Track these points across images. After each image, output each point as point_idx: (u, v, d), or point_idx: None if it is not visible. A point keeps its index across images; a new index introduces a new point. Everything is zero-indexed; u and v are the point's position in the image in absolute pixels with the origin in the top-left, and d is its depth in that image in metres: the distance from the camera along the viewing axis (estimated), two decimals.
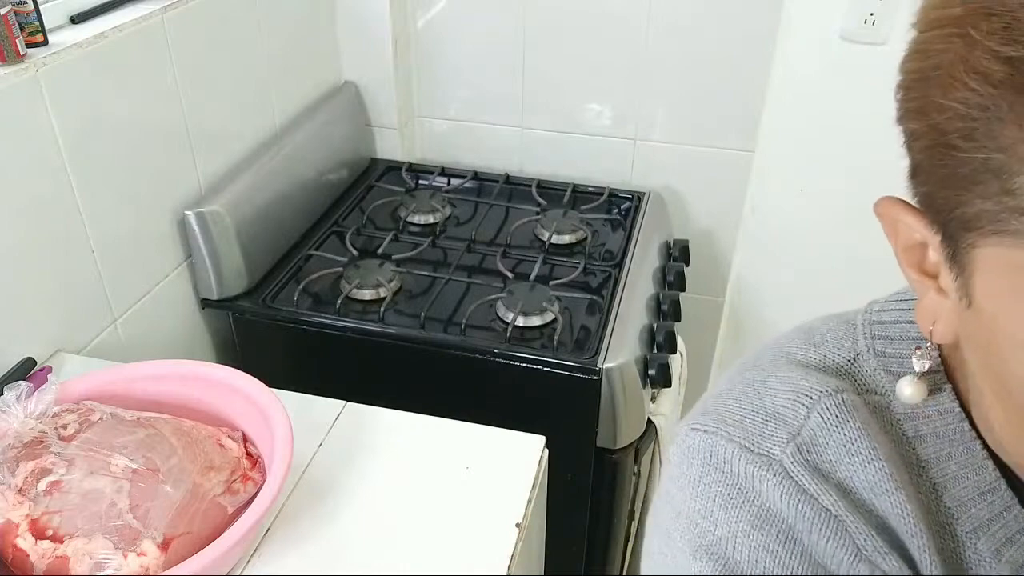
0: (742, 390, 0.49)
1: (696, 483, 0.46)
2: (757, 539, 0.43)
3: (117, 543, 0.66)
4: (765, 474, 0.44)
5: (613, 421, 1.10)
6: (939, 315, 0.41)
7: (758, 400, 0.48)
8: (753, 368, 0.51)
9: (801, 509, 0.43)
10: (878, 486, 0.43)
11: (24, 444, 0.71)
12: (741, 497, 0.44)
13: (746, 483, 0.44)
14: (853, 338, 0.49)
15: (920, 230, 0.40)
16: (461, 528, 0.77)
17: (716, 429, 0.47)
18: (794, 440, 0.45)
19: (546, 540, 0.93)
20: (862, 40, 1.32)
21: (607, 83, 1.50)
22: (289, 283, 1.25)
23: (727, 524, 0.44)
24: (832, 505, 0.43)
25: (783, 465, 0.44)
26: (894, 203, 0.41)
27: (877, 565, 0.42)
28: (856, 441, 0.44)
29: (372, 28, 1.48)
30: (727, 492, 0.45)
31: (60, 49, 0.90)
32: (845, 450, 0.44)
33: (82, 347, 0.99)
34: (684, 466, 0.48)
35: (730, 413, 0.48)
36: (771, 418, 0.46)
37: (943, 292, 0.40)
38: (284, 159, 1.30)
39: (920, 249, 0.41)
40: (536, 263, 1.28)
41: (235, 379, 0.81)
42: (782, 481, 0.44)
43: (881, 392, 0.47)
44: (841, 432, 0.44)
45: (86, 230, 0.97)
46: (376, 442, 0.86)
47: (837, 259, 1.52)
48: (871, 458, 0.44)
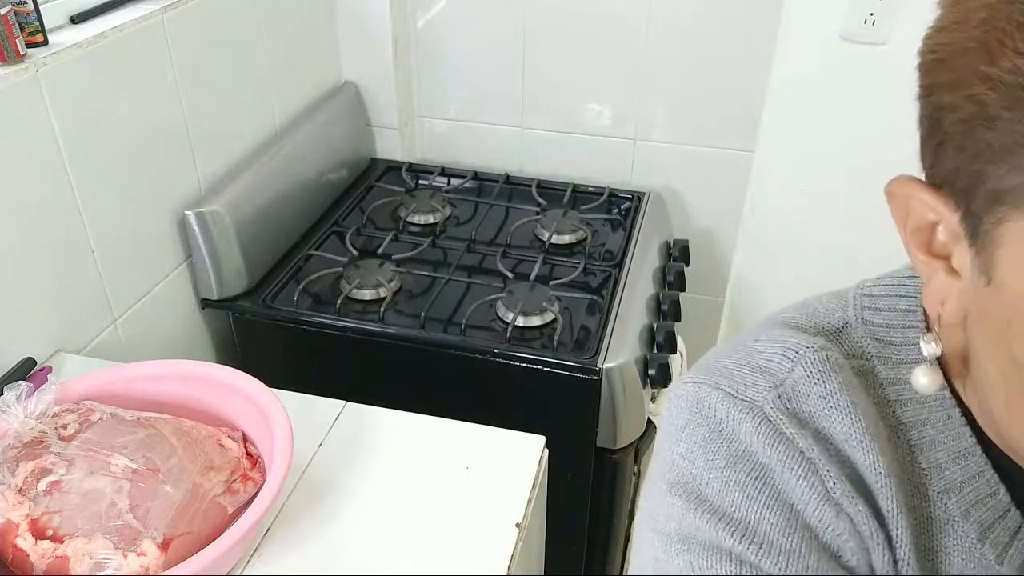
0: (733, 348, 0.51)
1: (681, 428, 0.48)
2: (729, 474, 0.45)
3: (117, 543, 0.66)
4: (745, 416, 0.46)
5: (613, 421, 1.10)
6: (948, 296, 0.41)
7: (747, 356, 0.50)
8: (746, 333, 0.53)
9: (776, 449, 0.45)
10: (852, 438, 0.45)
11: (24, 444, 0.71)
12: (720, 438, 0.46)
13: (727, 426, 0.46)
14: (843, 308, 0.51)
15: (935, 208, 0.39)
16: (461, 528, 0.77)
17: (704, 380, 0.49)
18: (776, 389, 0.47)
19: (546, 540, 0.93)
20: (862, 40, 1.32)
21: (607, 83, 1.50)
22: (289, 283, 1.25)
23: (704, 462, 0.46)
24: (807, 448, 0.44)
25: (763, 410, 0.46)
26: (908, 181, 0.41)
27: (843, 508, 0.43)
28: (836, 395, 0.46)
29: (372, 28, 1.48)
30: (707, 433, 0.47)
31: (60, 49, 0.90)
32: (824, 402, 0.46)
33: (82, 347, 0.99)
34: (673, 416, 0.50)
35: (720, 367, 0.50)
36: (757, 370, 0.48)
37: (954, 272, 0.40)
38: (284, 159, 1.30)
39: (929, 230, 0.41)
40: (536, 263, 1.28)
41: (235, 379, 0.81)
42: (760, 423, 0.45)
43: (866, 357, 0.48)
44: (822, 385, 0.46)
45: (86, 230, 0.97)
46: (376, 442, 0.86)
47: (837, 259, 1.52)
48: (848, 411, 0.45)
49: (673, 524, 0.45)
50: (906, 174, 0.41)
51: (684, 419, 0.49)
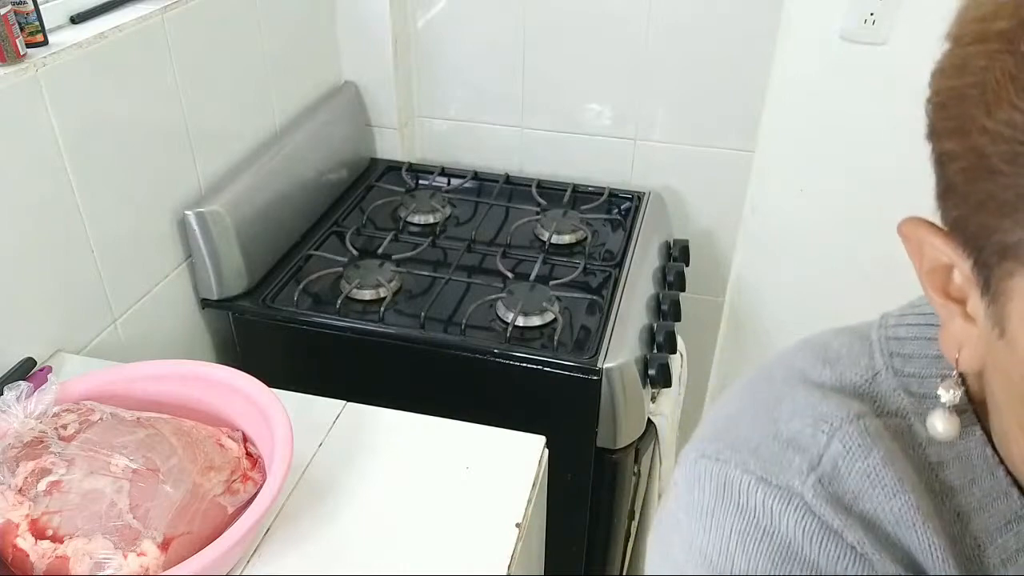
0: (754, 413, 0.47)
1: (709, 515, 0.44)
2: None
3: (117, 543, 0.66)
4: (785, 508, 0.42)
5: (613, 421, 1.10)
6: (966, 342, 0.39)
7: (773, 425, 0.45)
8: (765, 388, 0.48)
9: (825, 547, 0.41)
10: (904, 519, 0.41)
11: (24, 444, 0.71)
12: (759, 533, 0.42)
13: (764, 518, 0.42)
14: (870, 355, 0.47)
15: (948, 253, 0.38)
16: (461, 528, 0.77)
17: (729, 457, 0.44)
18: (815, 471, 0.42)
19: (546, 540, 0.93)
20: (862, 40, 1.32)
21: (607, 83, 1.50)
22: (289, 283, 1.25)
23: (745, 562, 0.42)
24: (857, 542, 0.41)
25: (804, 499, 0.42)
26: (919, 224, 0.39)
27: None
28: (880, 471, 0.42)
29: (372, 28, 1.48)
30: (744, 527, 0.42)
31: (60, 49, 0.90)
32: (869, 481, 0.42)
33: (82, 347, 0.99)
34: (695, 494, 0.45)
35: (743, 439, 0.45)
36: (789, 446, 0.44)
37: (970, 319, 0.39)
38: (284, 159, 1.30)
39: (945, 272, 0.39)
40: (536, 263, 1.28)
41: (235, 379, 0.81)
42: (804, 516, 0.41)
43: (902, 415, 0.45)
44: (864, 462, 0.42)
45: (86, 230, 0.97)
46: (376, 442, 0.86)
47: (837, 259, 1.52)
48: (896, 490, 0.41)
49: None
50: (916, 216, 0.40)
51: (710, 503, 0.44)
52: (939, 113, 0.36)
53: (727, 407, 0.49)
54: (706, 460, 0.45)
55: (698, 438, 0.48)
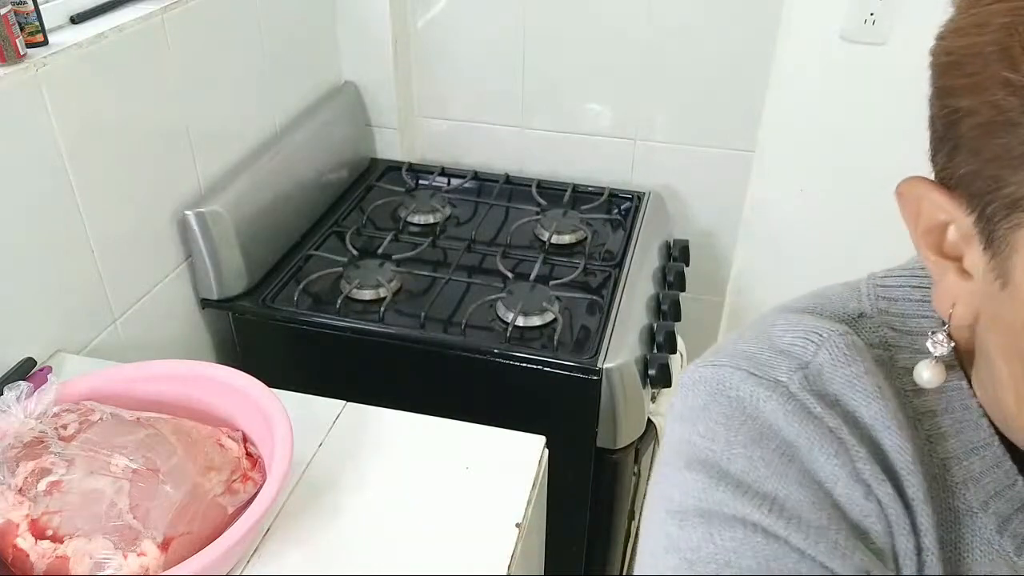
0: (750, 334, 0.50)
1: (700, 409, 0.47)
2: (754, 450, 0.43)
3: (117, 543, 0.66)
4: (770, 395, 0.45)
5: (613, 421, 1.10)
6: (959, 297, 0.41)
7: (768, 340, 0.48)
8: (760, 320, 0.51)
9: (804, 426, 0.44)
10: (879, 422, 0.44)
11: (24, 444, 0.71)
12: (743, 416, 0.45)
13: (750, 404, 0.45)
14: (858, 299, 0.50)
15: (948, 209, 0.39)
16: (461, 528, 0.77)
17: (724, 362, 0.48)
18: (802, 370, 0.46)
19: (546, 540, 0.93)
20: (862, 40, 1.32)
21: (607, 83, 1.50)
22: (289, 283, 1.25)
23: (725, 439, 0.44)
24: (836, 427, 0.43)
25: (789, 389, 0.45)
26: (919, 182, 0.41)
27: (871, 489, 0.43)
28: (862, 379, 0.45)
29: (372, 28, 1.48)
30: (729, 412, 0.45)
31: (60, 49, 0.90)
32: (850, 386, 0.45)
33: (82, 347, 0.99)
34: (689, 398, 0.48)
35: (739, 349, 0.48)
36: (780, 353, 0.47)
37: (965, 274, 0.40)
38: (284, 159, 1.30)
39: (941, 230, 0.41)
40: (536, 263, 1.28)
41: (235, 379, 0.81)
42: (787, 402, 0.44)
43: (884, 346, 0.48)
44: (848, 369, 0.45)
45: (86, 230, 0.97)
46: (376, 442, 0.86)
47: (837, 259, 1.52)
48: (875, 395, 0.44)
49: (691, 500, 0.43)
50: (917, 175, 0.41)
51: (703, 400, 0.47)
52: (953, 71, 0.37)
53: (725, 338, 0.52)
54: (703, 367, 0.49)
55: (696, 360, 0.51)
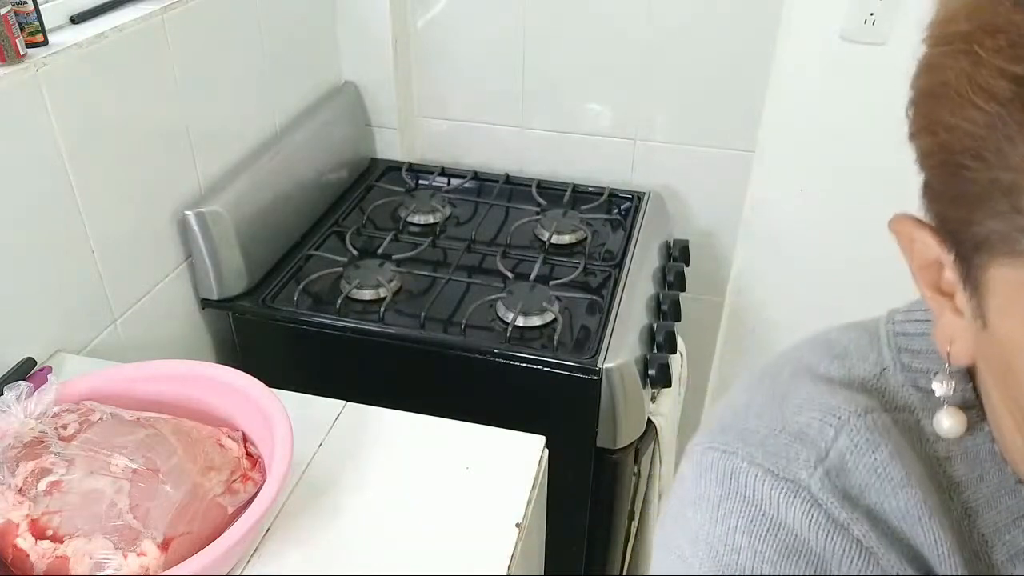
0: (762, 406, 0.47)
1: (716, 507, 0.44)
2: (783, 570, 0.41)
3: (117, 543, 0.66)
4: (792, 501, 0.42)
5: (613, 421, 1.10)
6: (956, 336, 0.40)
7: (781, 419, 0.45)
8: (773, 382, 0.48)
9: (831, 540, 0.41)
10: (910, 514, 0.41)
11: (24, 444, 0.71)
12: (766, 525, 0.42)
13: (771, 509, 0.42)
14: (878, 350, 0.47)
15: (934, 248, 0.39)
16: (461, 528, 0.77)
17: (737, 449, 0.45)
18: (822, 464, 0.42)
19: (546, 540, 0.93)
20: (862, 40, 1.32)
21: (607, 83, 1.50)
22: (289, 283, 1.25)
23: (751, 554, 0.42)
24: (863, 536, 0.41)
25: (811, 491, 0.42)
26: (908, 220, 0.40)
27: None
28: (887, 466, 0.42)
29: (372, 28, 1.48)
30: (750, 519, 0.42)
31: (60, 49, 0.90)
32: (876, 475, 0.42)
33: (82, 347, 0.99)
34: (701, 487, 0.45)
35: (750, 432, 0.45)
36: (796, 439, 0.44)
37: (959, 312, 0.39)
38: (284, 159, 1.30)
39: (936, 267, 0.40)
40: (536, 263, 1.28)
41: (235, 379, 0.81)
42: (810, 509, 0.41)
43: (910, 410, 0.45)
44: (872, 456, 0.42)
45: (86, 230, 0.97)
46: (376, 442, 0.86)
47: (837, 259, 1.52)
48: (903, 484, 0.42)
49: None
50: (904, 212, 0.41)
51: (717, 495, 0.44)
52: (915, 112, 0.38)
53: (735, 401, 0.49)
54: (713, 452, 0.45)
55: (705, 431, 0.48)
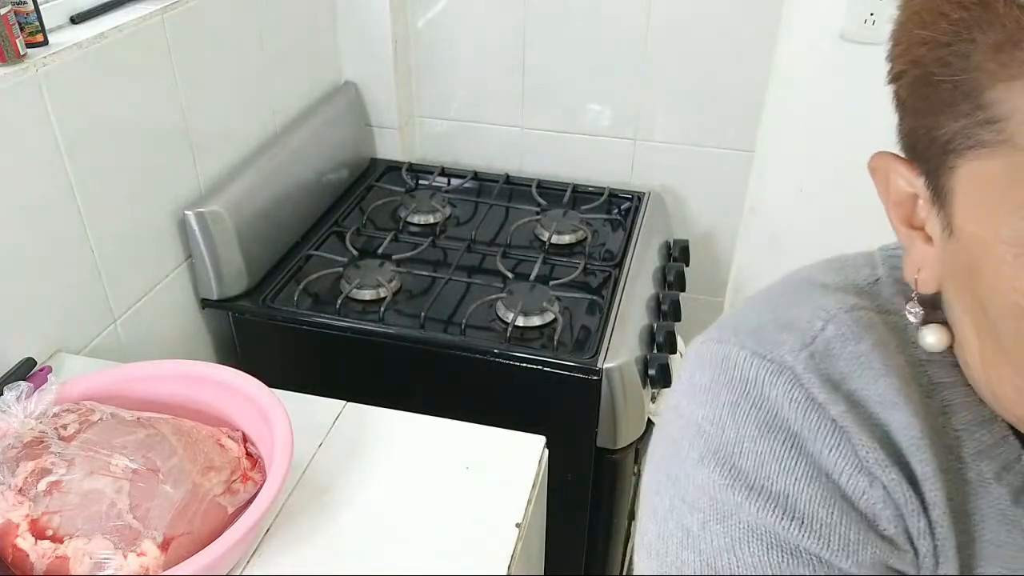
0: (759, 305, 0.50)
1: (706, 390, 0.47)
2: (763, 444, 0.44)
3: (117, 543, 0.66)
4: (776, 380, 0.45)
5: (613, 421, 1.10)
6: (923, 263, 0.43)
7: (773, 313, 0.49)
8: (772, 290, 0.52)
9: (808, 416, 0.44)
10: (886, 400, 0.44)
11: (24, 444, 0.71)
12: (749, 403, 0.45)
13: (755, 389, 0.45)
14: (873, 265, 0.51)
15: (909, 177, 0.42)
16: (461, 528, 0.77)
17: (729, 338, 0.48)
18: (807, 348, 0.46)
19: (546, 540, 0.93)
20: (862, 40, 1.32)
21: (607, 83, 1.50)
22: (289, 283, 1.25)
23: (735, 429, 0.45)
24: (839, 416, 0.43)
25: (795, 372, 0.45)
26: (885, 155, 0.43)
27: (876, 476, 0.43)
28: (869, 356, 0.45)
29: (372, 28, 1.48)
30: (736, 398, 0.46)
31: (60, 49, 0.90)
32: (858, 363, 0.45)
33: (82, 347, 0.99)
34: (696, 376, 0.48)
35: (744, 324, 0.49)
36: (786, 328, 0.47)
37: (929, 240, 0.43)
38: (284, 159, 1.30)
39: (910, 202, 0.43)
40: (536, 263, 1.28)
41: (235, 379, 0.81)
42: (792, 388, 0.44)
43: (900, 313, 0.48)
44: (856, 346, 0.45)
45: (86, 230, 0.97)
46: (376, 442, 0.86)
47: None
48: (883, 373, 0.45)
49: (706, 498, 0.44)
50: (883, 150, 0.44)
51: (708, 379, 0.47)
52: (892, 45, 0.41)
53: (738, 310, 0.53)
54: (709, 343, 0.49)
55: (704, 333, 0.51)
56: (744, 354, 0.46)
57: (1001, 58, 0.34)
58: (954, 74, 0.36)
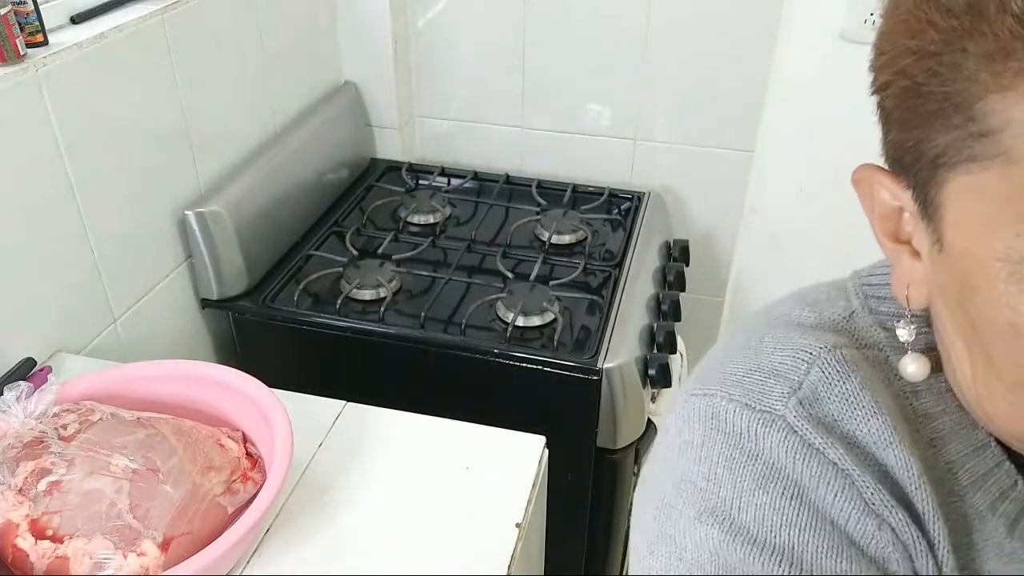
0: (739, 352, 0.49)
1: (699, 447, 0.45)
2: (763, 497, 0.42)
3: (117, 543, 0.66)
4: (768, 431, 0.43)
5: (613, 421, 1.10)
6: (912, 278, 0.42)
7: (756, 359, 0.47)
8: (747, 334, 0.50)
9: (808, 463, 0.42)
10: (881, 439, 0.43)
11: (24, 444, 0.71)
12: (744, 456, 0.44)
13: (749, 441, 0.44)
14: (847, 298, 0.50)
15: (894, 190, 0.41)
16: (461, 528, 0.77)
17: (715, 391, 0.46)
18: (795, 394, 0.44)
19: (546, 540, 0.93)
20: (862, 40, 1.32)
21: (607, 83, 1.50)
22: (289, 283, 1.25)
23: (732, 484, 0.43)
24: (839, 459, 0.42)
25: (786, 420, 0.43)
26: (870, 168, 0.43)
27: (884, 519, 0.42)
28: (858, 395, 0.44)
29: (372, 28, 1.48)
30: (730, 452, 0.44)
31: (60, 49, 0.90)
32: (847, 404, 0.44)
33: (82, 347, 0.99)
34: (686, 432, 0.47)
35: (728, 374, 0.47)
36: (771, 375, 0.46)
37: (916, 255, 0.42)
38: (284, 159, 1.30)
39: (896, 216, 0.42)
40: (536, 263, 1.28)
41: (235, 379, 0.81)
42: (787, 437, 0.43)
43: (879, 347, 0.47)
44: (843, 386, 0.44)
45: (86, 230, 0.97)
46: (376, 442, 0.86)
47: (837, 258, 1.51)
48: (873, 411, 0.43)
49: (706, 555, 0.42)
50: (867, 163, 0.43)
51: (700, 436, 0.46)
52: (877, 54, 0.40)
53: (713, 355, 0.51)
54: (695, 397, 0.47)
55: (687, 383, 0.50)
56: (733, 407, 0.45)
57: (994, 68, 0.33)
58: (944, 85, 0.35)
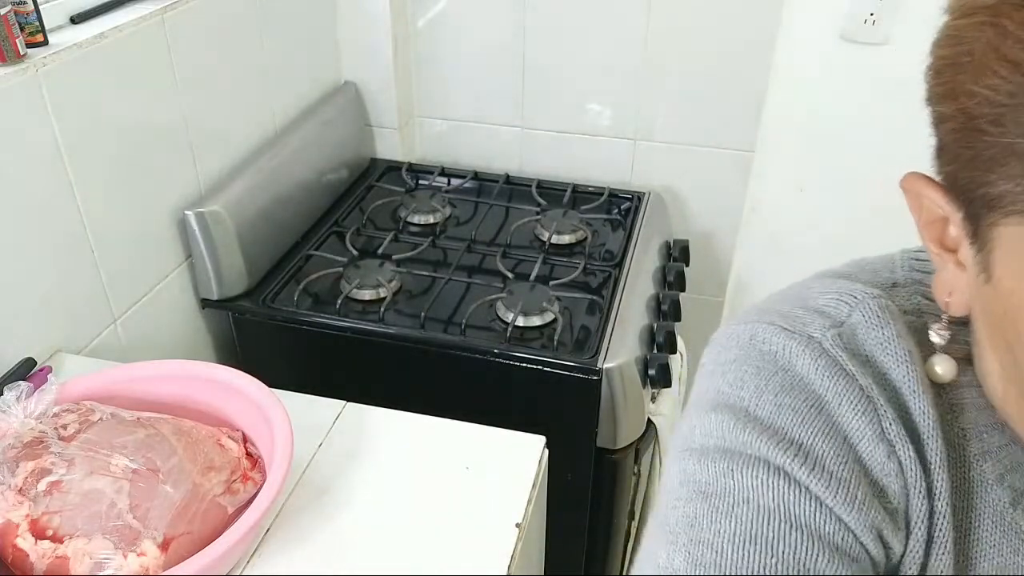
0: (785, 294, 0.51)
1: (732, 363, 0.47)
2: (784, 399, 0.44)
3: (117, 543, 0.66)
4: (803, 350, 0.45)
5: (613, 421, 1.10)
6: (955, 287, 0.43)
7: (801, 300, 0.49)
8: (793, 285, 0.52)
9: (835, 381, 0.44)
10: (907, 385, 0.45)
11: (24, 444, 0.71)
12: (774, 367, 0.46)
13: (782, 357, 0.46)
14: (891, 269, 0.51)
15: (942, 205, 0.41)
16: (461, 528, 0.77)
17: (757, 319, 0.48)
18: (835, 328, 0.46)
19: (546, 540, 0.93)
20: (862, 40, 1.32)
21: (607, 83, 1.50)
22: (289, 283, 1.25)
23: (755, 386, 0.45)
24: (867, 386, 0.44)
25: (822, 345, 0.45)
26: (919, 178, 0.43)
27: (895, 449, 0.43)
28: (893, 343, 0.46)
29: (372, 28, 1.48)
30: (760, 364, 0.46)
31: (60, 49, 0.90)
32: (881, 348, 0.46)
33: (82, 347, 0.99)
34: (721, 354, 0.49)
35: (771, 309, 0.49)
36: (814, 312, 0.48)
37: (961, 266, 0.42)
38: (284, 159, 1.30)
39: (941, 223, 0.43)
40: (536, 263, 1.28)
41: (235, 379, 0.81)
42: (819, 357, 0.45)
43: (918, 314, 0.49)
44: (880, 332, 0.46)
45: (86, 230, 0.97)
46: (376, 442, 0.86)
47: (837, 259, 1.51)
48: (904, 359, 0.45)
49: (712, 440, 0.44)
50: (916, 171, 0.43)
51: (734, 354, 0.48)
52: (934, 79, 0.40)
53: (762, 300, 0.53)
54: (736, 325, 0.50)
55: None
56: (773, 330, 0.47)
57: None
58: (1006, 135, 0.35)
